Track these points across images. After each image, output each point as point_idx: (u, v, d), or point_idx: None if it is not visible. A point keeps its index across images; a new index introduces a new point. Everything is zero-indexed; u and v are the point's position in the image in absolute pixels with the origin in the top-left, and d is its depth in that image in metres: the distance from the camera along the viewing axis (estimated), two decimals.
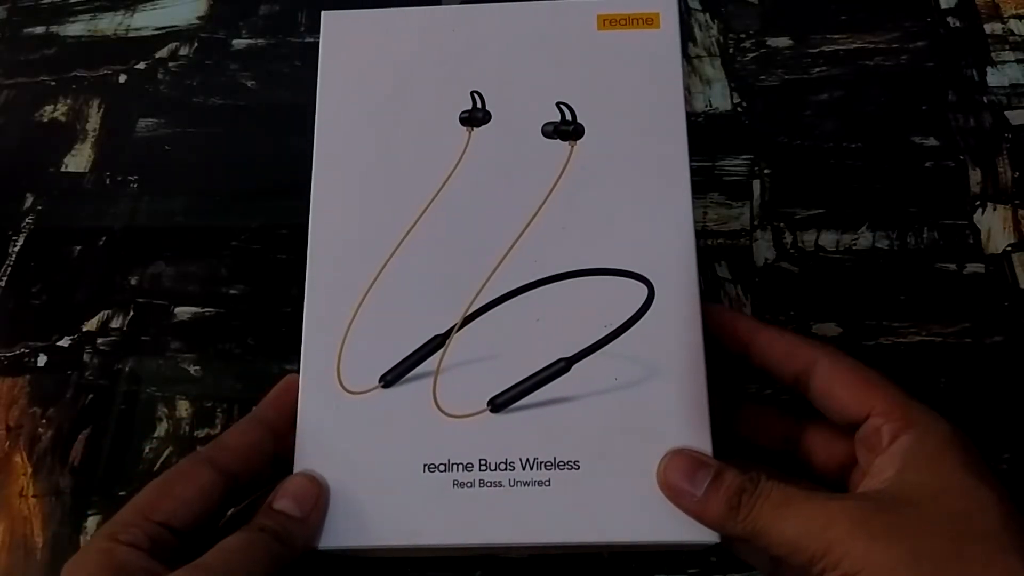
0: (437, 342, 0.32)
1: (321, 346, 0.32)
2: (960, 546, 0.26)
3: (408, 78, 0.35)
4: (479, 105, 0.34)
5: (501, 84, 0.35)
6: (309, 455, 0.31)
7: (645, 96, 0.34)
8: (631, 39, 0.35)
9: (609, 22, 0.35)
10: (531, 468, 0.30)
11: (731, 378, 0.39)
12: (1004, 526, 0.26)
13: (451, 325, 0.32)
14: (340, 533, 0.30)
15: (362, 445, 0.31)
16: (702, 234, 0.44)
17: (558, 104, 0.34)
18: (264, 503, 0.30)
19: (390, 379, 0.31)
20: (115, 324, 0.43)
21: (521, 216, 0.33)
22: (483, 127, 0.34)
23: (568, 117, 0.34)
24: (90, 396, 0.42)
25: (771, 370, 0.32)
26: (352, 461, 0.31)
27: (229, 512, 0.31)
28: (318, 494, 0.30)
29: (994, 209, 0.44)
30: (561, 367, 0.31)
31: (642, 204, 0.33)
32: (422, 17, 0.36)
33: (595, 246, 0.32)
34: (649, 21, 0.35)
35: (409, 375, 0.31)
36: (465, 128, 0.34)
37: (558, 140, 0.34)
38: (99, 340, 0.43)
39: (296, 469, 0.31)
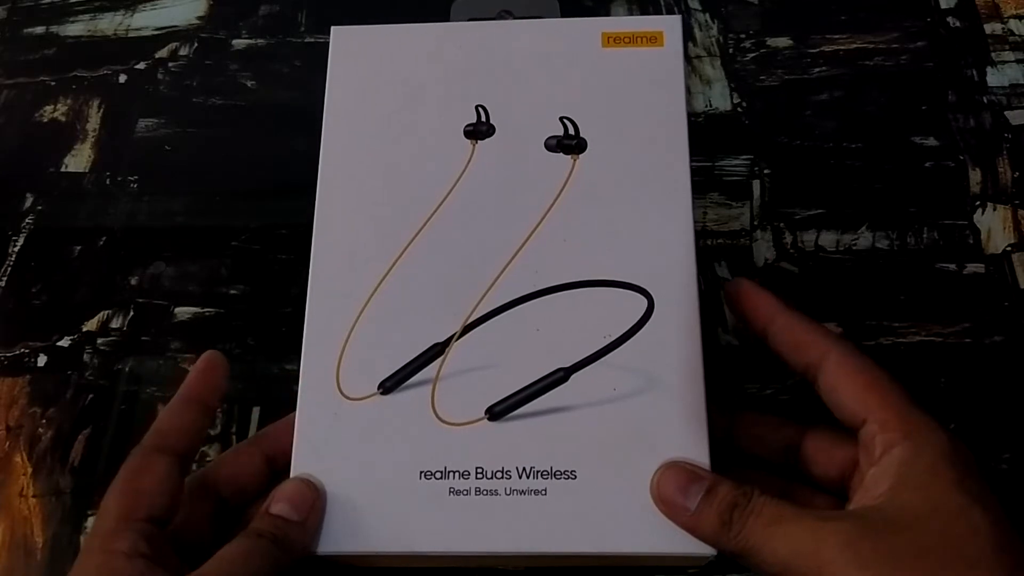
0: (437, 350, 0.32)
1: (321, 352, 0.32)
2: (951, 573, 0.25)
3: (414, 92, 0.35)
4: (483, 119, 0.35)
5: (505, 99, 0.35)
6: (306, 460, 0.31)
7: (648, 113, 0.34)
8: (635, 57, 0.35)
9: (613, 40, 0.36)
10: (528, 477, 0.30)
11: (730, 384, 0.39)
12: (997, 550, 0.26)
13: (451, 334, 0.32)
14: (336, 538, 0.30)
15: (360, 451, 0.31)
16: (702, 234, 0.44)
17: (561, 119, 0.34)
18: (260, 509, 0.30)
19: (389, 386, 0.32)
20: (115, 324, 0.43)
21: (523, 228, 0.33)
22: (487, 140, 0.35)
23: (571, 131, 0.34)
24: (90, 396, 0.42)
25: (783, 357, 0.32)
26: (349, 467, 0.31)
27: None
28: (314, 497, 0.30)
29: (994, 209, 0.44)
30: (560, 377, 0.31)
31: (643, 218, 0.33)
32: (430, 33, 0.36)
33: (596, 258, 0.33)
34: (653, 39, 0.35)
35: (408, 382, 0.32)
36: (469, 141, 0.35)
37: (561, 154, 0.34)
38: (99, 340, 0.43)
39: (293, 473, 0.31)
